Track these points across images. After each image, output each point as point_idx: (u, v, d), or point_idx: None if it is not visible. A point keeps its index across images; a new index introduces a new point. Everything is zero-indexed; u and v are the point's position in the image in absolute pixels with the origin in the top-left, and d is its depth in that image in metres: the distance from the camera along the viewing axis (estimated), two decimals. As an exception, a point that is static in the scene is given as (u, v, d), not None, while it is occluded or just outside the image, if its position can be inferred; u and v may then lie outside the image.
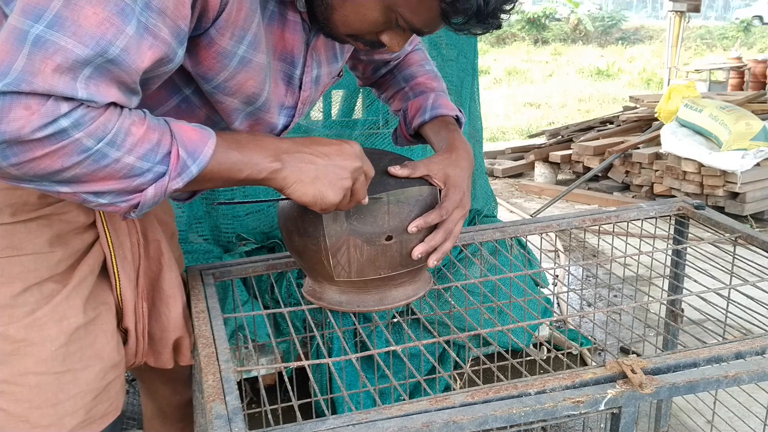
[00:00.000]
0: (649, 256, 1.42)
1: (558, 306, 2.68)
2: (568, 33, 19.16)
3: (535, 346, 2.48)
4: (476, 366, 1.60)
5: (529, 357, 1.55)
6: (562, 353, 2.00)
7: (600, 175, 5.03)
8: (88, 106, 0.70)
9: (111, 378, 1.01)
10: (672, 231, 1.52)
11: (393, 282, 1.09)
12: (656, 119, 5.19)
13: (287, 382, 0.97)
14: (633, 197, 4.77)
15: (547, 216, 1.73)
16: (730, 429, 1.53)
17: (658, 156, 4.65)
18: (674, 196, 4.19)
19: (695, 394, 1.54)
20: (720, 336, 1.30)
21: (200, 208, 2.13)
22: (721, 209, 4.20)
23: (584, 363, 2.48)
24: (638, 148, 4.84)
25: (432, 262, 1.06)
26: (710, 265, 1.35)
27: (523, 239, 1.54)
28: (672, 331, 1.58)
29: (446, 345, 1.08)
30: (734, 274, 1.33)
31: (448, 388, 2.19)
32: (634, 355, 0.93)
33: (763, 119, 4.58)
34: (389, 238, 1.03)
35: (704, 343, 0.97)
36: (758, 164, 4.25)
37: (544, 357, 2.25)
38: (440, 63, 2.47)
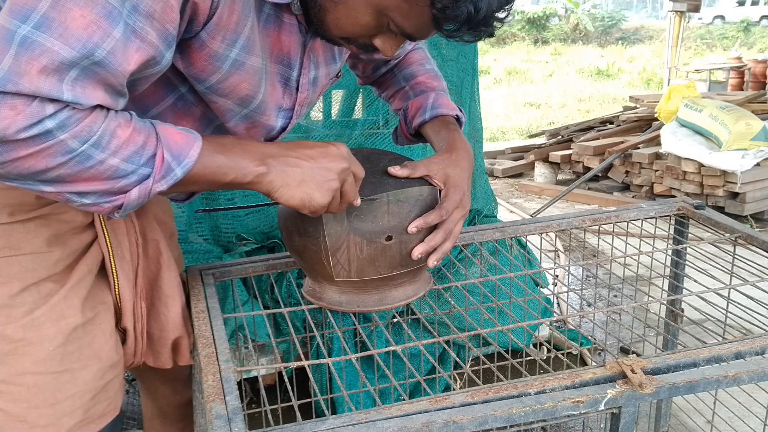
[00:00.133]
0: (649, 256, 1.42)
1: (558, 306, 2.68)
2: (568, 33, 19.17)
3: (535, 346, 2.48)
4: (476, 366, 1.60)
5: (529, 357, 1.55)
6: (562, 353, 2.00)
7: (600, 175, 5.03)
8: (74, 108, 0.71)
9: (109, 378, 1.01)
10: (672, 231, 1.52)
11: (393, 282, 1.09)
12: (656, 119, 5.19)
13: (287, 382, 0.97)
14: (633, 197, 4.77)
15: (547, 216, 1.73)
16: (730, 429, 1.53)
17: (658, 156, 4.65)
18: (674, 196, 4.19)
19: (695, 394, 1.55)
20: (720, 336, 1.29)
21: (200, 208, 2.13)
22: (721, 209, 4.20)
23: (584, 363, 2.48)
24: (638, 148, 4.84)
25: (432, 262, 1.06)
26: (710, 265, 1.35)
27: (523, 239, 1.54)
28: (672, 331, 1.58)
29: (446, 345, 1.08)
30: (734, 274, 1.33)
31: (448, 388, 2.19)
32: (634, 355, 0.93)
33: (763, 119, 4.58)
34: (389, 238, 1.03)
35: (704, 343, 0.97)
36: (758, 164, 4.25)
37: (544, 357, 2.25)
38: (440, 63, 2.47)
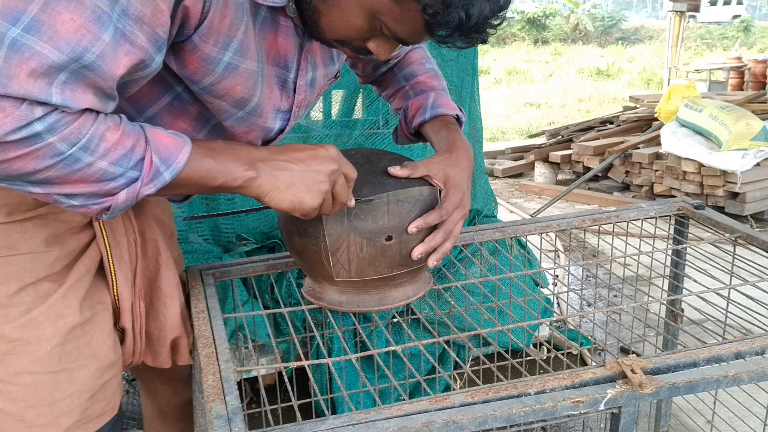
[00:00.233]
0: (649, 256, 1.42)
1: (558, 306, 2.68)
2: (568, 33, 19.17)
3: (535, 346, 2.48)
4: (476, 366, 1.60)
5: (529, 357, 1.55)
6: (562, 353, 2.00)
7: (600, 175, 5.03)
8: (63, 111, 0.71)
9: (107, 377, 1.01)
10: (672, 231, 1.52)
11: (393, 282, 1.09)
12: (656, 119, 5.19)
13: (287, 382, 0.97)
14: (633, 197, 4.77)
15: (546, 216, 1.73)
16: (730, 429, 1.53)
17: (658, 156, 4.65)
18: (674, 196, 4.19)
19: (695, 394, 1.55)
20: (720, 336, 1.29)
21: (200, 209, 2.13)
22: (721, 209, 4.20)
23: (584, 363, 2.48)
24: (638, 148, 4.84)
25: (432, 262, 1.06)
26: (710, 265, 1.35)
27: (522, 239, 1.54)
28: (672, 332, 1.58)
29: (446, 345, 1.08)
30: (734, 274, 1.33)
31: (448, 388, 2.19)
32: (634, 355, 0.93)
33: (763, 119, 4.58)
34: (389, 238, 1.03)
35: (704, 343, 0.97)
36: (758, 164, 4.25)
37: (544, 357, 2.25)
38: (440, 63, 2.46)
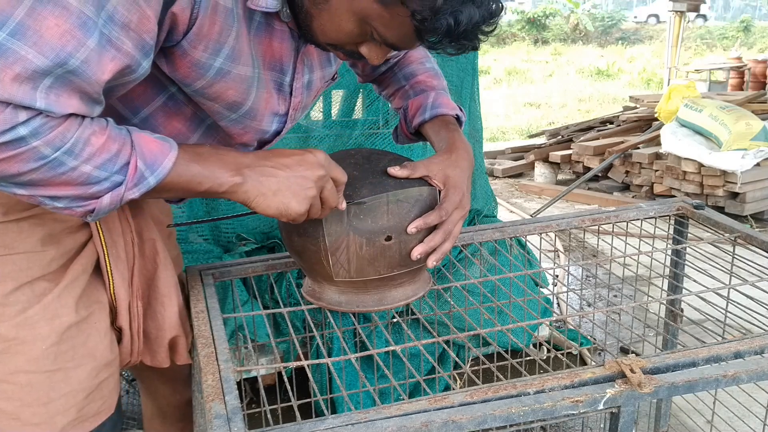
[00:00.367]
0: (649, 256, 1.42)
1: (558, 306, 2.68)
2: (568, 33, 19.16)
3: (535, 346, 2.48)
4: (476, 366, 1.60)
5: (528, 357, 1.55)
6: (561, 353, 2.00)
7: (600, 175, 5.03)
8: (47, 116, 0.72)
9: (104, 377, 1.01)
10: (671, 231, 1.52)
11: (392, 282, 1.09)
12: (656, 119, 5.19)
13: (286, 382, 0.97)
14: (633, 197, 4.77)
15: (546, 216, 1.73)
16: (730, 429, 1.53)
17: (658, 156, 4.65)
18: (674, 196, 4.19)
19: (695, 394, 1.55)
20: (719, 336, 1.29)
21: (200, 208, 2.13)
22: (721, 209, 4.20)
23: (584, 363, 2.48)
24: (638, 148, 4.84)
25: (431, 262, 1.06)
26: (710, 265, 1.35)
27: (522, 239, 1.54)
28: (672, 331, 1.58)
29: (446, 345, 1.08)
30: (734, 274, 1.33)
31: (447, 389, 2.19)
32: (633, 354, 0.93)
33: (763, 119, 4.58)
34: (389, 239, 1.03)
35: (703, 343, 0.97)
36: (758, 164, 4.25)
37: (544, 357, 2.25)
38: (440, 62, 2.46)
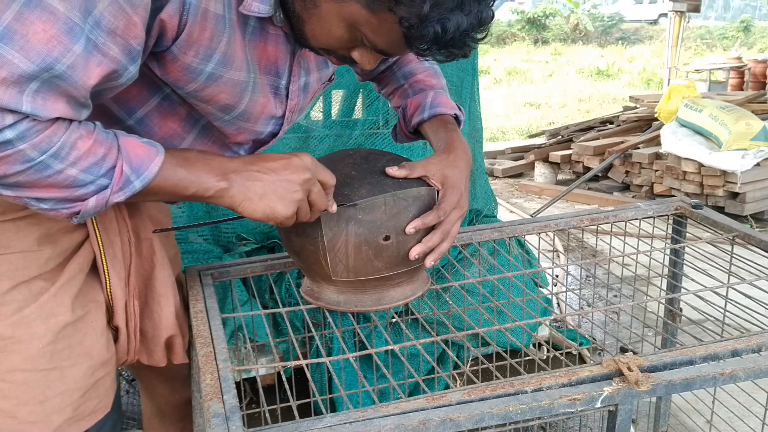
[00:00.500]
0: (647, 255, 1.42)
1: (558, 306, 2.68)
2: (568, 33, 19.16)
3: (535, 346, 2.48)
4: (475, 366, 1.60)
5: (527, 357, 1.55)
6: (561, 353, 2.00)
7: (600, 175, 5.03)
8: (34, 119, 0.73)
9: (100, 375, 1.02)
10: (670, 231, 1.52)
11: (391, 282, 1.10)
12: (656, 119, 5.19)
13: (285, 382, 0.97)
14: (633, 197, 4.77)
15: (544, 216, 1.73)
16: (729, 429, 1.53)
17: (658, 156, 4.65)
18: (674, 197, 4.19)
19: (695, 394, 1.55)
20: (718, 335, 1.30)
21: (200, 208, 2.13)
22: (721, 209, 4.20)
23: (584, 363, 2.48)
24: (638, 148, 4.84)
25: (429, 262, 1.06)
26: (709, 264, 1.35)
27: (522, 239, 1.55)
28: (671, 331, 1.58)
29: (445, 346, 1.08)
30: (732, 273, 1.33)
31: (447, 389, 2.18)
32: (631, 353, 0.93)
33: (763, 119, 4.58)
34: (387, 238, 1.03)
35: (701, 341, 0.97)
36: (758, 164, 4.25)
37: (544, 357, 2.25)
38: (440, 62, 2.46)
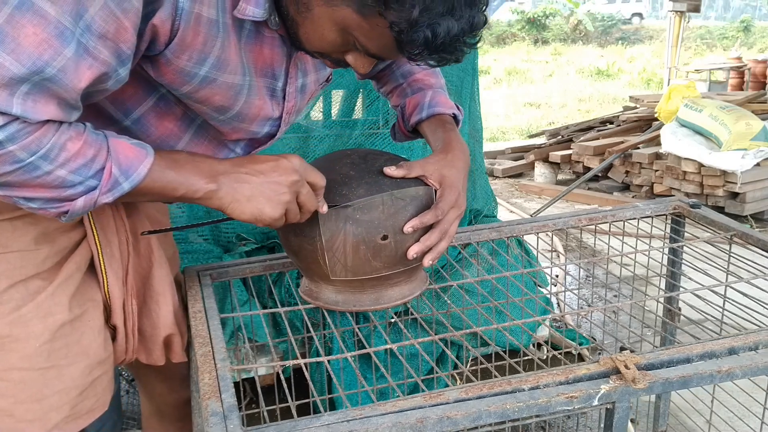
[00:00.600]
0: (645, 254, 1.42)
1: (558, 306, 2.68)
2: (568, 33, 19.16)
3: (534, 346, 2.48)
4: (474, 366, 1.60)
5: (527, 357, 1.55)
6: (560, 352, 2.00)
7: (600, 175, 5.03)
8: (24, 121, 0.73)
9: (97, 374, 1.02)
10: (668, 230, 1.52)
11: (389, 281, 1.10)
12: (656, 119, 5.19)
13: (284, 382, 0.98)
14: (633, 197, 4.77)
15: (542, 216, 1.73)
16: (729, 429, 1.53)
17: (658, 156, 4.65)
18: (674, 196, 4.19)
19: (694, 394, 1.55)
20: (717, 334, 1.30)
21: (200, 208, 2.13)
22: (721, 209, 4.20)
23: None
24: (638, 148, 4.84)
25: (427, 261, 1.07)
26: (708, 264, 1.35)
27: (521, 239, 1.55)
28: (669, 330, 1.58)
29: (444, 346, 1.08)
30: (730, 272, 1.33)
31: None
32: (628, 351, 0.93)
33: (763, 119, 4.58)
34: (385, 238, 1.03)
35: (698, 339, 0.98)
36: (758, 164, 4.25)
37: (544, 357, 2.25)
38: (439, 63, 2.46)
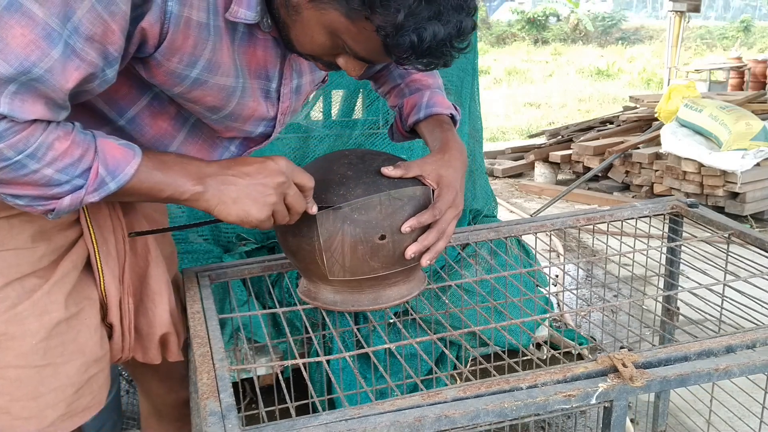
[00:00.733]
0: (643, 254, 1.42)
1: (558, 306, 2.68)
2: (568, 33, 19.17)
3: (534, 347, 2.48)
4: (474, 367, 1.60)
5: (525, 357, 1.55)
6: (559, 352, 2.00)
7: (600, 175, 5.03)
8: (12, 120, 0.74)
9: (93, 372, 1.03)
10: (667, 230, 1.53)
11: (387, 281, 1.10)
12: (656, 119, 5.19)
13: (282, 382, 0.98)
14: (633, 197, 4.76)
15: (541, 216, 1.73)
16: (728, 429, 1.53)
17: (658, 156, 4.65)
18: (673, 196, 4.19)
19: (693, 394, 1.55)
20: (715, 333, 1.30)
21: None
22: (721, 209, 4.20)
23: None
24: (638, 148, 4.84)
25: (425, 261, 1.07)
26: (706, 263, 1.35)
27: (520, 239, 1.55)
28: (669, 330, 1.58)
29: (444, 346, 1.08)
30: (728, 272, 1.34)
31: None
32: (626, 349, 0.93)
33: (763, 119, 4.58)
34: (383, 238, 1.04)
35: (695, 338, 0.98)
36: (758, 164, 4.24)
37: (543, 357, 2.25)
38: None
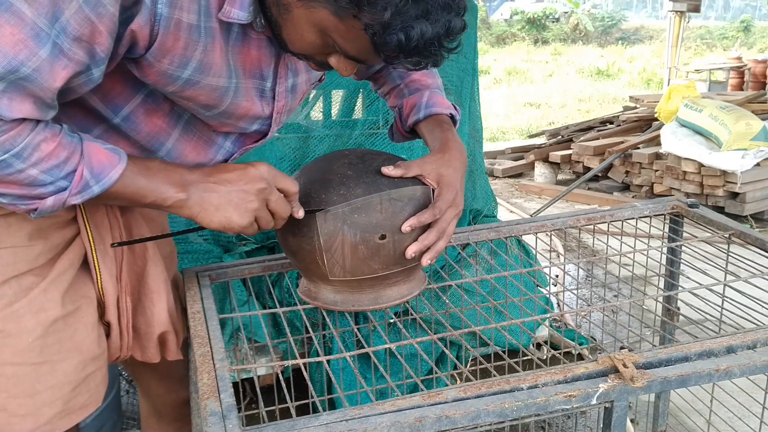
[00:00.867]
0: (644, 254, 1.42)
1: (558, 306, 2.68)
2: (568, 33, 19.17)
3: (534, 347, 2.48)
4: (474, 367, 1.60)
5: (526, 357, 1.55)
6: (559, 353, 2.00)
7: (600, 175, 5.03)
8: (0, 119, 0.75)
9: (91, 370, 1.03)
10: (667, 230, 1.53)
11: (387, 281, 1.10)
12: (656, 119, 5.19)
13: (282, 382, 0.98)
14: (633, 197, 4.77)
15: (541, 216, 1.73)
16: (729, 429, 1.53)
17: (658, 156, 4.65)
18: (673, 196, 4.19)
19: (694, 394, 1.55)
20: (716, 333, 1.30)
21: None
22: (721, 209, 4.20)
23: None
24: (638, 148, 4.85)
25: (425, 260, 1.07)
26: (706, 263, 1.35)
27: (520, 239, 1.55)
28: (669, 330, 1.58)
29: (444, 346, 1.08)
30: (728, 272, 1.33)
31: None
32: (626, 349, 0.93)
33: (763, 119, 4.58)
34: (383, 237, 1.04)
35: (696, 338, 0.98)
36: (758, 164, 4.25)
37: (544, 357, 2.25)
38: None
